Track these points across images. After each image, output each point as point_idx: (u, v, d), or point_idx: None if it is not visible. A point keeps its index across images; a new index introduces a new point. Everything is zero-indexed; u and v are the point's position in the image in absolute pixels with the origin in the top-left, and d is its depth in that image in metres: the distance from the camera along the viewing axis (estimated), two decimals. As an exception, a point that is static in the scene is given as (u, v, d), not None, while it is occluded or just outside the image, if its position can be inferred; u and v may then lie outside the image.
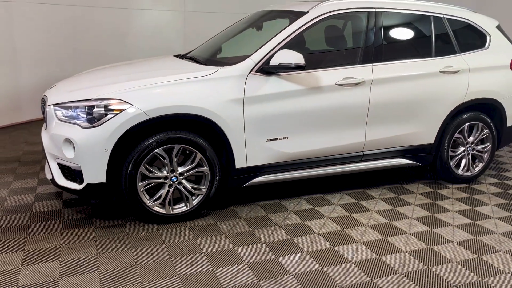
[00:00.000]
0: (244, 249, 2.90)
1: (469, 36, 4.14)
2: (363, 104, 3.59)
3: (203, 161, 3.20)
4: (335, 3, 3.63)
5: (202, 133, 3.22)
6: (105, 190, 3.02)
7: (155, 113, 2.96)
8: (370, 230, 3.22)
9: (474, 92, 4.00)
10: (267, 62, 3.29)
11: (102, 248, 2.85)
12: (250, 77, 3.26)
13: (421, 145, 3.95)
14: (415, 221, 3.40)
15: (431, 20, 3.96)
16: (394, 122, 3.77)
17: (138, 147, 3.02)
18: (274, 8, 4.18)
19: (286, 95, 3.35)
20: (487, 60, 4.10)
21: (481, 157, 4.24)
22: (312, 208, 3.59)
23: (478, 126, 4.14)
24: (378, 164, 3.85)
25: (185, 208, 3.25)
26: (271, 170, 3.48)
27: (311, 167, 3.61)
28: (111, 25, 6.92)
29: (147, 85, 3.05)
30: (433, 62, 3.87)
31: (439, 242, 3.07)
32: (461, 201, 3.81)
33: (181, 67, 3.53)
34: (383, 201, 3.77)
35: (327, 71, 3.52)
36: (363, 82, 3.56)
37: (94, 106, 2.95)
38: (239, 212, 3.48)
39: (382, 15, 3.74)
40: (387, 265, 2.76)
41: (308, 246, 2.96)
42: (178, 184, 3.19)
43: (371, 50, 3.66)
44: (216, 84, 3.17)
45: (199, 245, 2.93)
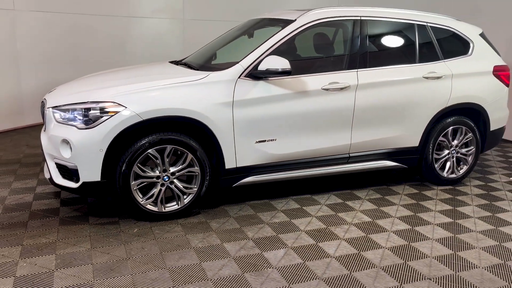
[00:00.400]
0: (231, 244, 3.04)
1: (452, 43, 4.30)
2: (348, 108, 3.75)
3: (194, 161, 3.35)
4: (322, 12, 3.81)
5: (193, 134, 3.38)
6: (100, 188, 3.18)
7: (147, 115, 3.13)
8: (353, 228, 3.36)
9: (457, 97, 4.15)
10: (256, 67, 3.45)
11: (96, 243, 3.00)
12: (239, 82, 3.43)
13: (406, 148, 4.10)
14: (397, 220, 3.54)
15: (415, 28, 4.13)
16: (379, 125, 3.92)
17: (131, 147, 3.18)
18: (265, 17, 4.36)
19: (274, 99, 3.51)
20: (470, 67, 4.25)
21: (465, 160, 4.38)
22: (299, 207, 3.73)
23: (462, 130, 4.29)
24: (364, 166, 4.00)
25: (177, 207, 3.40)
26: (260, 170, 3.63)
27: (299, 168, 3.77)
28: (111, 32, 7.13)
29: (140, 89, 3.22)
30: (417, 68, 4.03)
31: (418, 239, 3.21)
32: (444, 202, 3.95)
33: (174, 72, 3.70)
34: (369, 201, 3.91)
35: (314, 76, 3.68)
36: (348, 87, 3.72)
37: (90, 108, 3.12)
38: (229, 211, 3.62)
39: (367, 23, 3.91)
40: (367, 259, 2.90)
41: (293, 242, 3.10)
42: (170, 184, 3.34)
43: (357, 57, 3.83)
44: (206, 88, 3.34)
45: (188, 241, 3.07)
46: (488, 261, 2.92)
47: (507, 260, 2.95)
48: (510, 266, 2.87)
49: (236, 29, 4.56)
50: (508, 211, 3.79)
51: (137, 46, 7.47)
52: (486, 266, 2.87)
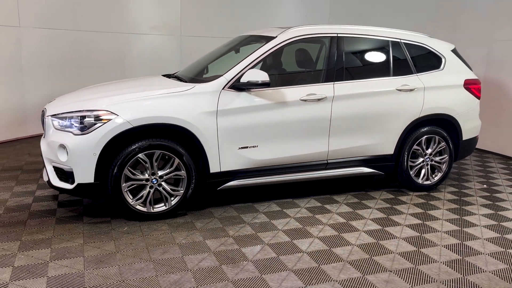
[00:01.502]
0: (212, 241, 3.31)
1: (425, 58, 4.62)
2: (325, 118, 4.05)
3: (181, 165, 3.64)
4: (301, 29, 4.14)
5: (180, 140, 3.67)
6: (93, 189, 3.46)
7: (137, 122, 3.43)
8: (327, 228, 3.62)
9: (429, 108, 4.45)
10: (238, 80, 3.77)
11: (88, 239, 3.27)
12: (223, 93, 3.74)
13: (382, 155, 4.38)
14: (370, 221, 3.80)
15: (389, 44, 4.45)
16: (355, 134, 4.21)
17: (122, 152, 3.47)
18: (251, 34, 4.70)
19: (255, 108, 3.82)
20: (442, 80, 4.56)
21: (439, 167, 4.65)
22: (280, 210, 4.00)
23: (435, 139, 4.57)
24: (342, 172, 4.27)
25: (164, 208, 3.68)
26: (243, 175, 3.92)
27: (280, 173, 4.05)
28: (111, 48, 7.51)
29: (132, 98, 3.53)
30: (390, 81, 4.34)
31: (386, 238, 3.46)
32: (416, 206, 4.21)
33: (164, 84, 4.02)
34: (346, 205, 4.18)
35: (293, 88, 3.99)
36: (325, 98, 4.03)
37: (86, 116, 3.43)
38: (214, 212, 3.89)
39: (343, 40, 4.24)
40: (335, 255, 3.15)
41: (270, 240, 3.36)
42: (158, 186, 3.63)
43: (333, 70, 4.14)
44: (192, 98, 3.65)
45: (173, 238, 3.34)
46: (448, 257, 3.17)
47: (465, 256, 3.20)
48: (467, 261, 3.12)
49: (225, 45, 4.90)
50: (475, 214, 4.04)
51: (136, 61, 7.85)
52: (445, 261, 3.11)
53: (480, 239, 3.51)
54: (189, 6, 8.21)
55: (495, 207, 4.26)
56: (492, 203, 4.35)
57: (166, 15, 8.09)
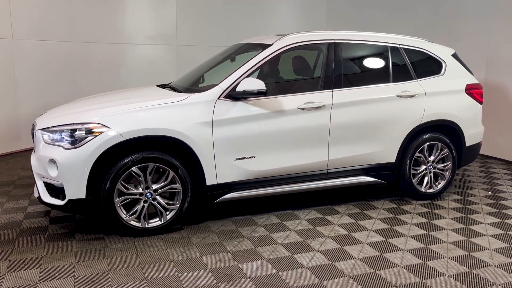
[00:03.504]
0: (209, 257, 3.17)
1: (425, 63, 4.52)
2: (324, 126, 3.94)
3: (176, 178, 3.52)
4: (298, 36, 4.04)
5: (175, 153, 3.55)
6: (85, 205, 3.34)
7: (130, 135, 3.32)
8: (329, 241, 3.49)
9: (431, 114, 4.34)
10: (234, 89, 3.66)
11: (80, 258, 3.14)
12: (218, 102, 3.63)
13: (383, 164, 4.26)
14: (373, 232, 3.67)
15: (388, 49, 4.35)
16: (355, 142, 4.10)
17: (115, 165, 3.35)
18: (247, 41, 4.60)
19: (252, 118, 3.70)
20: (443, 85, 4.46)
21: (443, 175, 4.53)
22: (279, 222, 3.87)
23: (438, 146, 4.45)
24: (342, 181, 4.15)
25: (160, 222, 3.55)
26: (240, 187, 3.79)
27: (278, 184, 3.92)
28: (106, 58, 7.41)
29: (123, 110, 3.42)
30: (390, 87, 4.24)
31: (391, 250, 3.33)
32: (420, 215, 4.08)
33: (157, 95, 3.91)
34: (348, 215, 4.05)
35: (290, 97, 3.88)
36: (324, 106, 3.92)
37: (76, 129, 3.31)
38: (211, 226, 3.76)
39: (341, 46, 4.14)
40: (338, 269, 3.02)
41: (269, 254, 3.23)
42: (153, 200, 3.50)
43: (332, 78, 4.04)
44: (186, 109, 3.54)
45: (169, 254, 3.20)
46: (455, 270, 3.04)
47: (473, 269, 3.06)
48: (475, 275, 2.99)
49: (220, 53, 4.81)
50: (482, 223, 3.91)
51: (132, 71, 7.75)
52: (453, 274, 2.98)
53: (488, 249, 3.37)
54: (185, 15, 8.14)
55: (501, 215, 4.13)
56: (498, 211, 4.22)
57: (161, 25, 8.01)
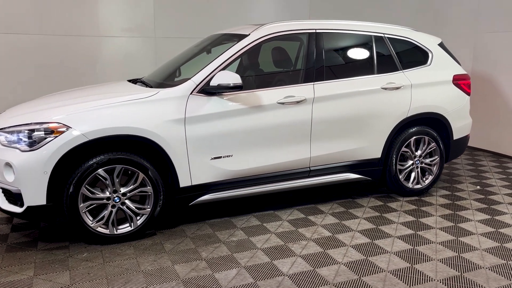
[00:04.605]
0: (182, 266, 2.94)
1: (411, 53, 4.31)
2: (306, 121, 3.71)
3: (146, 181, 3.26)
4: (276, 26, 3.79)
5: (144, 153, 3.29)
6: (46, 212, 3.06)
7: (93, 135, 3.04)
8: (311, 244, 3.28)
9: (417, 107, 4.14)
10: (208, 83, 3.40)
11: (40, 270, 2.87)
12: (191, 98, 3.37)
13: (368, 160, 4.06)
14: (358, 233, 3.47)
15: (372, 39, 4.13)
16: (339, 137, 3.88)
17: (79, 168, 3.08)
18: (224, 32, 4.34)
19: (228, 114, 3.45)
20: (429, 76, 4.26)
21: (430, 170, 4.35)
22: (260, 224, 3.64)
23: (425, 140, 4.26)
24: (326, 179, 3.94)
25: (130, 228, 3.29)
26: (217, 188, 3.55)
27: (258, 184, 3.69)
28: (81, 52, 7.05)
29: (86, 108, 3.14)
30: (375, 79, 4.02)
31: (377, 253, 3.13)
32: (407, 213, 3.89)
33: (125, 90, 3.63)
34: (332, 215, 3.84)
35: (269, 91, 3.64)
36: (304, 100, 3.68)
37: (34, 130, 3.02)
38: (187, 230, 3.52)
39: (323, 36, 3.90)
40: (320, 276, 2.81)
41: (247, 261, 3.00)
42: (121, 205, 3.24)
43: (313, 70, 3.80)
44: (156, 105, 3.27)
45: (138, 264, 2.96)
46: (445, 274, 2.85)
47: (464, 272, 2.88)
48: (466, 278, 2.81)
49: (196, 45, 4.54)
50: (471, 220, 3.74)
51: (108, 66, 7.40)
52: (442, 278, 2.79)
53: (478, 250, 3.20)
54: (163, 6, 7.79)
55: (491, 211, 3.97)
56: (487, 207, 4.06)
57: (138, 16, 7.65)
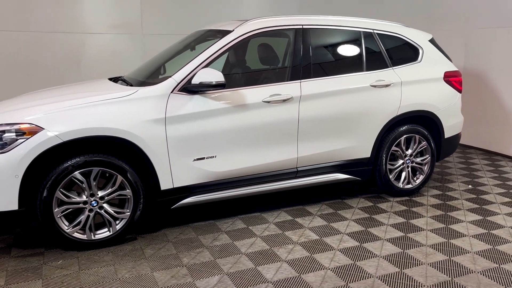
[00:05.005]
0: (162, 273, 2.80)
1: (401, 50, 4.20)
2: (292, 121, 3.58)
3: (125, 183, 3.12)
4: (261, 21, 3.65)
5: (123, 155, 3.15)
6: (18, 218, 2.90)
7: (68, 136, 2.89)
8: (298, 248, 3.16)
9: (408, 105, 4.03)
10: (190, 81, 3.26)
11: (11, 279, 2.72)
12: (172, 97, 3.23)
13: (358, 159, 3.94)
14: (346, 236, 3.35)
15: (361, 35, 4.00)
16: (327, 137, 3.76)
17: (53, 171, 2.93)
18: (209, 28, 4.19)
19: (211, 113, 3.32)
20: (420, 73, 4.14)
21: (421, 169, 4.24)
22: (245, 227, 3.52)
23: (416, 139, 4.16)
24: (314, 180, 3.81)
25: (108, 233, 3.15)
26: (201, 190, 3.41)
27: (243, 186, 3.56)
28: (65, 50, 6.87)
29: (60, 108, 2.98)
30: (363, 76, 3.90)
31: (365, 257, 3.01)
32: (398, 214, 3.78)
33: (104, 89, 3.47)
34: (320, 217, 3.72)
35: (254, 89, 3.50)
36: (291, 99, 3.55)
37: (5, 131, 2.86)
38: (169, 234, 3.38)
39: (310, 32, 3.77)
40: (306, 283, 2.69)
41: (230, 267, 2.87)
42: (99, 209, 3.10)
43: (300, 67, 3.67)
44: (134, 104, 3.13)
45: (115, 271, 2.82)
46: (435, 279, 2.74)
47: (455, 277, 2.77)
48: (457, 284, 2.70)
49: (180, 41, 4.39)
50: (463, 221, 3.64)
51: (93, 63, 7.22)
52: (432, 284, 2.68)
53: (470, 253, 3.09)
54: (150, 2, 7.62)
55: (483, 211, 3.87)
56: (479, 207, 3.97)
57: (125, 12, 7.48)
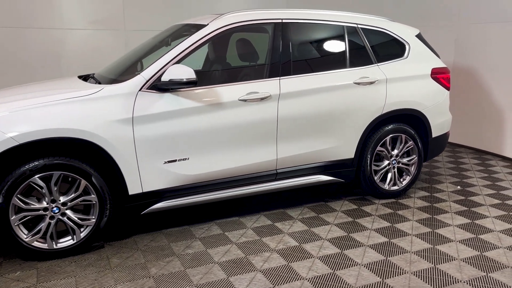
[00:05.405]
0: (126, 285, 2.60)
1: (386, 45, 4.02)
2: (271, 120, 3.38)
3: (90, 188, 2.91)
4: (238, 15, 3.45)
5: (87, 157, 2.94)
6: (-29, 226, 2.70)
7: (24, 138, 2.67)
8: (275, 256, 2.97)
9: (393, 103, 3.85)
10: (160, 78, 3.06)
11: (-39, 294, 2.52)
12: (140, 95, 3.02)
13: (341, 160, 3.76)
14: (327, 242, 3.17)
15: (344, 30, 3.81)
16: (308, 137, 3.57)
17: (9, 176, 2.71)
18: (186, 22, 3.98)
19: (183, 112, 3.11)
20: (406, 70, 3.96)
21: (407, 170, 4.07)
22: (221, 233, 3.32)
23: (402, 138, 3.98)
24: (295, 182, 3.63)
25: (72, 242, 2.94)
26: (173, 194, 3.21)
27: (219, 189, 3.36)
28: (43, 46, 6.62)
29: (17, 108, 2.76)
30: (347, 73, 3.71)
31: (345, 266, 2.83)
32: (382, 218, 3.61)
33: (68, 88, 3.26)
34: (301, 221, 3.54)
35: (230, 86, 3.30)
36: (269, 97, 3.36)
37: (-45, 133, 2.65)
38: (139, 241, 3.18)
39: (290, 26, 3.57)
40: (280, 296, 2.51)
41: (200, 278, 2.68)
42: (62, 216, 2.89)
43: (279, 63, 3.47)
44: (98, 103, 2.91)
45: (76, 284, 2.61)
46: (419, 289, 2.58)
47: (439, 287, 2.60)
48: (442, 294, 2.53)
49: (155, 37, 4.18)
50: (450, 225, 3.47)
51: (73, 60, 6.97)
52: (415, 295, 2.52)
53: (456, 260, 2.92)
54: (133, -3, 7.39)
55: (471, 214, 3.71)
56: (467, 209, 3.80)
57: (107, 7, 7.22)
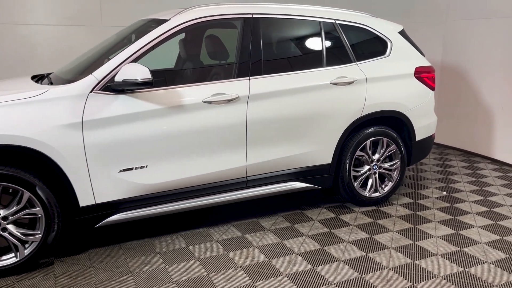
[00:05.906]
0: (69, 311, 2.34)
1: (366, 43, 3.76)
2: (239, 124, 3.12)
3: (34, 200, 2.63)
4: (203, 9, 3.17)
5: (31, 166, 2.66)
6: None
7: (-46, 146, 2.40)
8: (240, 274, 2.71)
9: (373, 104, 3.59)
10: (113, 78, 2.78)
11: None
12: (91, 97, 2.74)
13: (317, 166, 3.50)
14: (298, 257, 2.91)
15: (320, 26, 3.55)
16: (281, 141, 3.31)
17: None
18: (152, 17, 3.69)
19: (140, 116, 2.84)
20: (388, 69, 3.71)
21: (390, 175, 3.83)
22: (185, 247, 3.06)
23: (383, 142, 3.73)
24: (267, 190, 3.37)
25: (15, 259, 2.66)
26: (131, 205, 2.94)
27: (183, 199, 3.09)
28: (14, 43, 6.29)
29: None
30: (323, 73, 3.45)
31: (316, 284, 2.58)
32: (361, 228, 3.36)
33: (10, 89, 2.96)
34: (273, 232, 3.28)
35: (194, 87, 3.03)
36: (238, 99, 3.09)
37: None
38: (94, 257, 2.91)
39: (260, 22, 3.30)
40: (239, 323, 2.25)
41: (153, 301, 2.42)
42: (3, 231, 2.61)
43: (249, 62, 3.21)
44: (43, 106, 2.63)
45: (13, 309, 2.34)
46: (394, 313, 2.33)
47: (417, 310, 2.36)
48: (419, 319, 2.28)
49: (118, 32, 3.89)
50: (432, 236, 3.23)
51: (47, 58, 6.62)
52: (390, 321, 2.27)
53: (437, 277, 2.68)
54: (109, -8, 7.08)
55: (456, 223, 3.47)
56: (452, 218, 3.56)
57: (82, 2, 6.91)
